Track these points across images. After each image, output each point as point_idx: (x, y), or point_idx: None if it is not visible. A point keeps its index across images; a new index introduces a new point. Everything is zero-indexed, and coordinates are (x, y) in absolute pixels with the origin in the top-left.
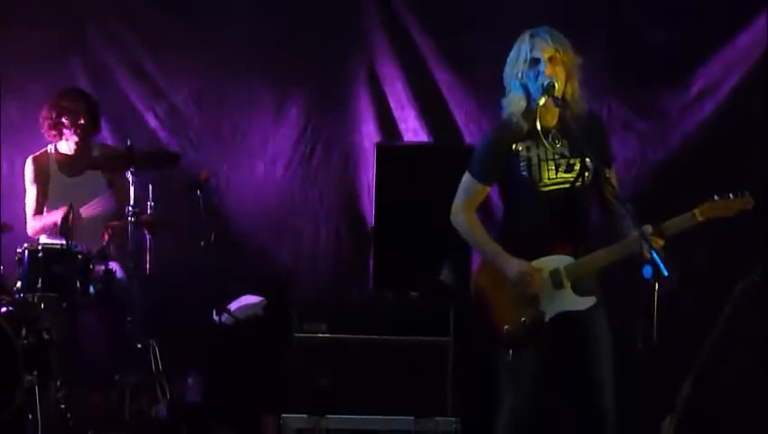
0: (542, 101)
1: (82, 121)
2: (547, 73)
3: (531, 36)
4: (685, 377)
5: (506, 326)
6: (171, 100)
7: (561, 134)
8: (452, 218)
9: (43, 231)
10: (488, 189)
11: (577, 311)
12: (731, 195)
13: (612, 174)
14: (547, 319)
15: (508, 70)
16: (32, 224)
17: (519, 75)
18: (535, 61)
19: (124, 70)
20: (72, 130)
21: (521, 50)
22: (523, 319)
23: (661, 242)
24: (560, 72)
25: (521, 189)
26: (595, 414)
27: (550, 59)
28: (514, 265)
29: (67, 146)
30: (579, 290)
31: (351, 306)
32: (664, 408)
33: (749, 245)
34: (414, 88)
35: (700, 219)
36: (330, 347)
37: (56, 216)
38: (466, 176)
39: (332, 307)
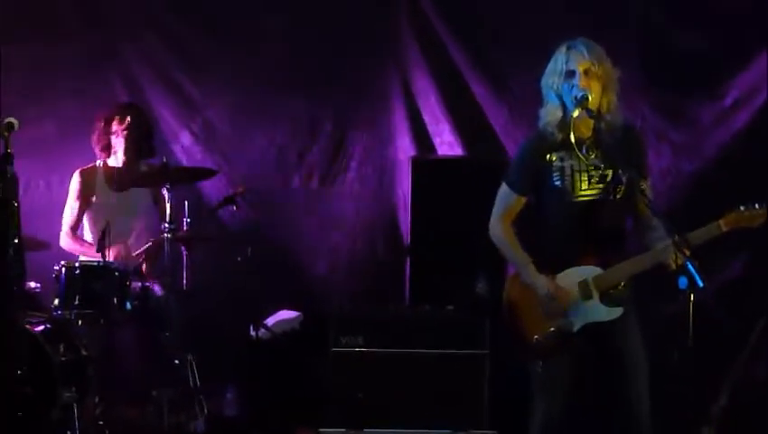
0: (576, 113)
1: (133, 132)
2: (581, 86)
3: (568, 48)
4: (721, 387)
5: (536, 337)
6: (206, 117)
7: (595, 145)
8: (489, 229)
9: (75, 251)
10: (524, 199)
11: (606, 322)
12: (756, 205)
13: (647, 187)
14: (575, 330)
15: (545, 80)
16: (67, 241)
17: (555, 87)
18: (570, 74)
19: (160, 88)
20: (123, 141)
21: (558, 61)
22: (552, 330)
23: (688, 253)
24: (595, 85)
25: (554, 199)
26: (631, 426)
27: (585, 71)
28: (541, 283)
29: (115, 159)
30: (607, 301)
31: (387, 320)
32: (700, 418)
33: None
34: (448, 101)
35: (725, 229)
36: (366, 361)
37: (91, 250)
38: (503, 187)
39: (368, 321)
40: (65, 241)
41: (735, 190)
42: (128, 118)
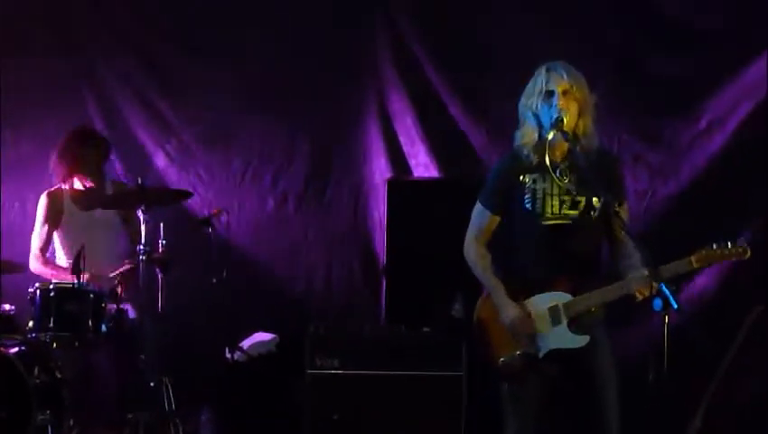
0: (551, 135)
1: (92, 164)
2: (559, 106)
3: (548, 70)
4: (696, 410)
5: (501, 358)
6: (181, 138)
7: (570, 169)
8: (464, 249)
9: (44, 274)
10: (497, 219)
11: (572, 349)
12: (729, 244)
13: (623, 211)
14: (541, 355)
15: (523, 101)
16: (36, 265)
17: (534, 107)
18: (549, 94)
19: (135, 108)
20: (84, 170)
21: (537, 82)
22: (518, 353)
23: (656, 285)
24: (573, 107)
25: (525, 222)
26: None
27: (564, 92)
28: (508, 310)
29: (80, 183)
30: (576, 328)
31: (363, 342)
32: None
33: (755, 279)
34: (424, 123)
35: (696, 266)
36: (343, 383)
37: (65, 273)
38: (477, 205)
39: (344, 343)
40: (34, 265)
41: (710, 211)
42: (91, 159)
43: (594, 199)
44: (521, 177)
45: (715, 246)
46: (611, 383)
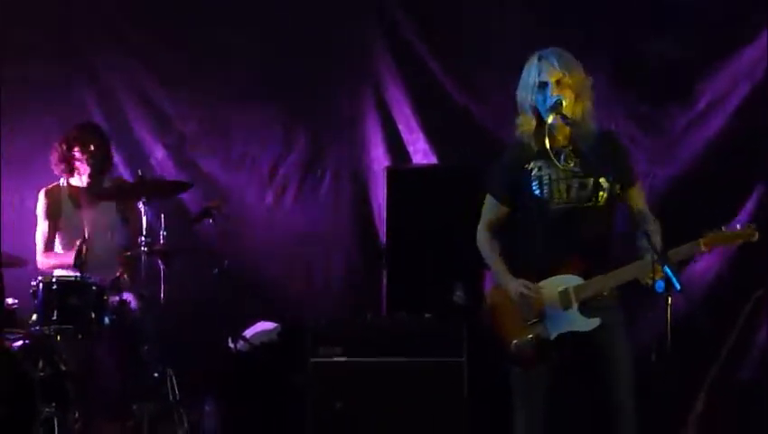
0: (550, 119)
1: (94, 151)
2: (554, 94)
3: (539, 59)
4: (698, 392)
5: (514, 342)
6: (180, 130)
7: (574, 153)
8: (477, 239)
9: (55, 268)
10: (506, 208)
11: (583, 332)
12: (738, 226)
13: (635, 192)
14: (552, 338)
15: (519, 92)
16: (42, 260)
17: (529, 99)
18: (543, 85)
19: (133, 103)
20: (84, 163)
21: (530, 73)
22: (530, 337)
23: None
24: (568, 94)
25: (534, 208)
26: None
27: (557, 82)
28: (513, 286)
29: (79, 179)
30: (586, 311)
31: (365, 330)
32: (679, 422)
33: (759, 260)
34: (422, 111)
35: (704, 249)
36: (345, 371)
37: (68, 258)
38: (487, 197)
39: (346, 331)
40: (41, 261)
41: (709, 194)
42: (91, 146)
43: (602, 180)
44: (526, 165)
45: (724, 228)
46: (625, 370)
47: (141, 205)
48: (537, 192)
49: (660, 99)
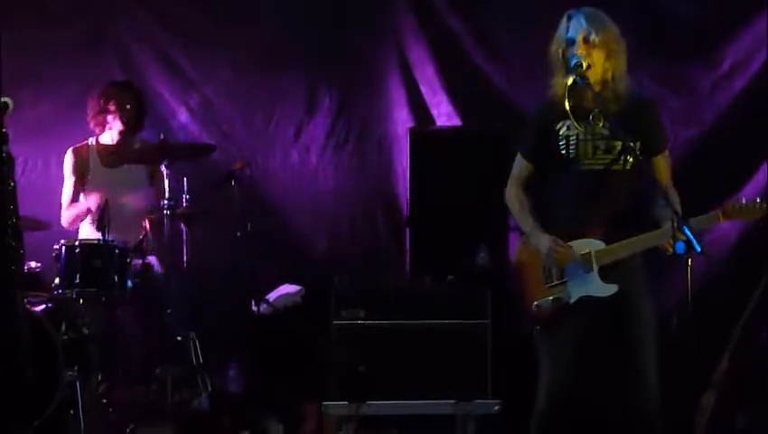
0: (569, 81)
1: (129, 109)
2: (578, 53)
3: (569, 18)
4: (721, 353)
5: (535, 303)
6: (203, 93)
7: (603, 115)
8: (505, 197)
9: (77, 218)
10: (531, 166)
11: (601, 297)
12: (758, 200)
13: (661, 162)
14: (572, 301)
15: (551, 50)
16: (66, 214)
17: (559, 55)
18: (570, 42)
19: (157, 65)
20: (119, 118)
21: (560, 30)
22: (550, 298)
23: (680, 237)
24: (596, 53)
25: (560, 168)
26: (638, 396)
27: (584, 39)
28: (545, 240)
29: (110, 136)
30: (606, 276)
31: (388, 292)
32: (702, 384)
33: None
34: (446, 72)
35: (722, 220)
36: (368, 333)
37: (90, 203)
38: (517, 156)
39: (369, 294)
40: (65, 216)
41: (732, 155)
42: (127, 105)
43: (630, 144)
44: (555, 125)
45: (744, 200)
46: (647, 330)
47: (163, 168)
48: (563, 151)
49: (686, 60)
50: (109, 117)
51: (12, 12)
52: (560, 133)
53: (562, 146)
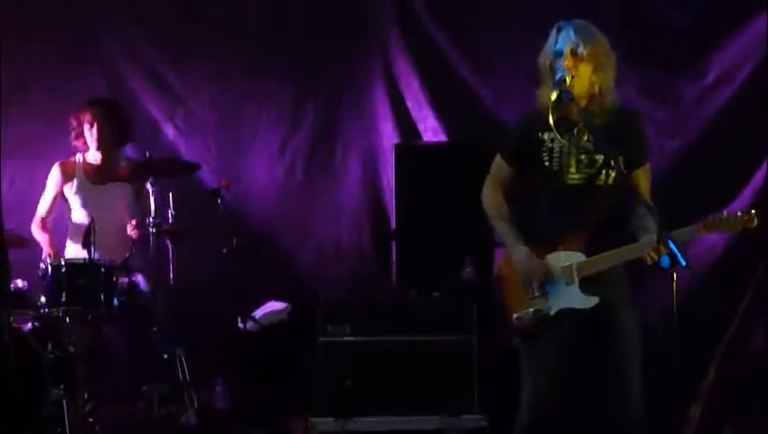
0: (554, 96)
1: (103, 126)
2: (564, 65)
3: (558, 29)
4: (708, 364)
5: (515, 315)
6: (189, 108)
7: (587, 128)
8: (482, 198)
9: (41, 242)
10: (512, 171)
11: (582, 310)
12: (739, 213)
13: (642, 175)
14: (552, 313)
15: (540, 60)
16: (35, 229)
17: (547, 66)
18: (558, 54)
19: (141, 80)
20: (94, 139)
21: (549, 42)
22: (531, 310)
23: (666, 251)
24: (583, 67)
25: (542, 180)
26: (622, 407)
27: (572, 51)
28: (519, 251)
29: (93, 156)
30: (588, 288)
31: (374, 308)
32: (689, 396)
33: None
34: (431, 87)
35: (704, 232)
36: (354, 349)
37: (75, 220)
38: (496, 157)
39: (355, 309)
40: (33, 229)
41: (717, 167)
42: (97, 123)
43: (612, 158)
44: (540, 134)
45: (725, 213)
46: (630, 342)
47: (149, 185)
48: (547, 163)
49: (671, 72)
50: (87, 135)
51: (2, 28)
52: (544, 143)
53: (545, 158)
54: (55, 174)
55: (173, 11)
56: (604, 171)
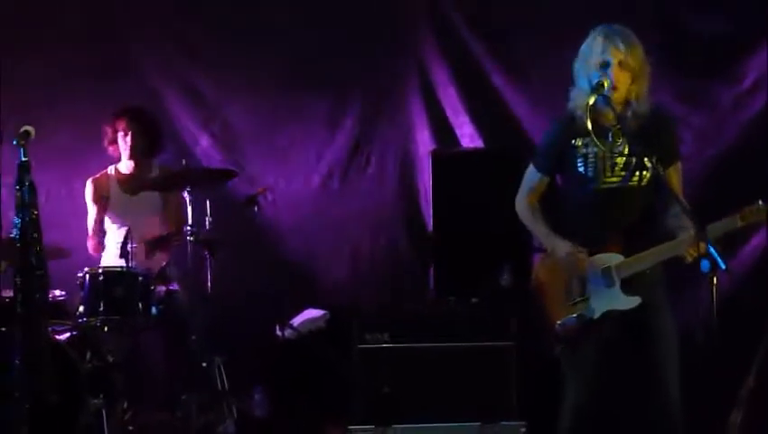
0: (591, 100)
1: (134, 135)
2: (614, 78)
3: (605, 37)
4: (748, 369)
5: (558, 322)
6: (224, 118)
7: (621, 132)
8: (516, 207)
9: (100, 245)
10: (547, 180)
11: (625, 311)
12: None
13: (673, 174)
14: (595, 316)
15: (578, 64)
16: (90, 244)
17: (588, 73)
18: (605, 65)
19: (176, 91)
20: (128, 147)
21: (593, 50)
22: (573, 316)
23: (704, 246)
24: (625, 76)
25: (578, 185)
26: (663, 411)
27: (620, 63)
28: (563, 246)
29: (126, 165)
30: (628, 290)
31: (412, 315)
32: (730, 402)
33: None
34: (467, 93)
35: (741, 224)
36: (392, 356)
37: (111, 230)
38: (529, 167)
39: (393, 317)
40: (90, 246)
41: (756, 172)
42: (130, 132)
43: (646, 160)
44: (573, 140)
45: (761, 202)
46: (669, 343)
47: (186, 194)
48: (581, 169)
49: (707, 77)
50: (120, 144)
51: (29, 40)
52: (578, 149)
53: (580, 164)
54: (90, 191)
55: (206, 23)
56: (637, 172)
